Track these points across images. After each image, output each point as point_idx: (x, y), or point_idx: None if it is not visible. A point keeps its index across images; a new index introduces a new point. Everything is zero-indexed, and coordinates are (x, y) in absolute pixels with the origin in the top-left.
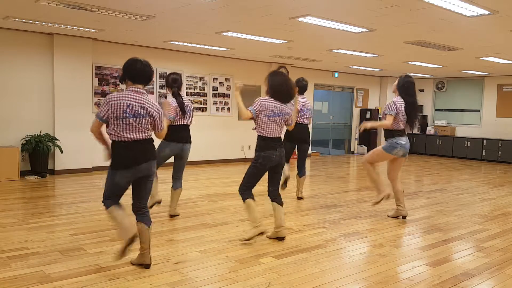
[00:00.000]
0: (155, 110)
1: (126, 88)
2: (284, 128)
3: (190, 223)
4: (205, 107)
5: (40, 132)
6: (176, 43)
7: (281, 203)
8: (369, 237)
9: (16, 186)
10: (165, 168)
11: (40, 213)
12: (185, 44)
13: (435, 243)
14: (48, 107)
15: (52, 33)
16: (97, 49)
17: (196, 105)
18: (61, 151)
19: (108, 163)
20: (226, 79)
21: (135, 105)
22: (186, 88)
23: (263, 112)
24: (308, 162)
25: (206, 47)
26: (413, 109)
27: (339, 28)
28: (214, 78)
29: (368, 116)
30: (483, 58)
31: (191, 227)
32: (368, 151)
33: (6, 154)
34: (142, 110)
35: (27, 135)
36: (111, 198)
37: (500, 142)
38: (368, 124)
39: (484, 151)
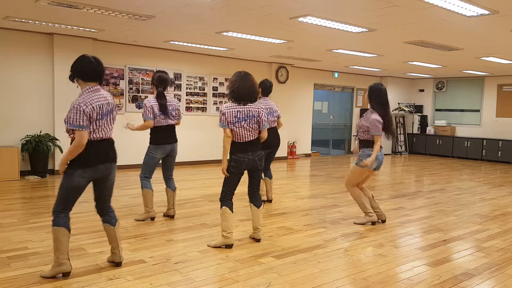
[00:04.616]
0: (114, 104)
1: (82, 88)
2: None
3: (190, 223)
4: (205, 107)
5: (40, 132)
6: (176, 43)
7: (257, 205)
8: (369, 237)
9: (16, 186)
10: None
11: (40, 213)
12: (185, 44)
13: (435, 243)
14: (48, 107)
15: (52, 33)
16: (97, 49)
17: (196, 105)
18: (61, 151)
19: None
20: (226, 79)
21: (104, 104)
22: (186, 88)
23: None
24: (308, 162)
25: (206, 47)
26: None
27: (339, 28)
28: (214, 78)
29: None
30: (483, 58)
31: (191, 227)
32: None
33: (6, 154)
34: (109, 107)
35: (27, 135)
36: (63, 211)
37: (500, 142)
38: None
39: (484, 151)
